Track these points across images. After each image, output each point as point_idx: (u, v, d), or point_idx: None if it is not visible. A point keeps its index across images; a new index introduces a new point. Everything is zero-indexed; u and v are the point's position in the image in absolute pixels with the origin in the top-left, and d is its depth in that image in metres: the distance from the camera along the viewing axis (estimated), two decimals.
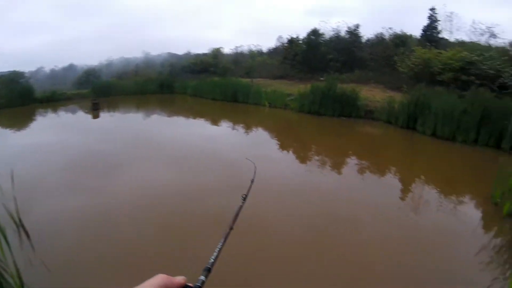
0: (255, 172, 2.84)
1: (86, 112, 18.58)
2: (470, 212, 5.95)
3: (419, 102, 12.59)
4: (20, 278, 3.00)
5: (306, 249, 4.42)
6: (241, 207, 2.02)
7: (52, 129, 14.25)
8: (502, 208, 5.62)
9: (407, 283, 3.89)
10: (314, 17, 55.38)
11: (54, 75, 37.23)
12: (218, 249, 1.39)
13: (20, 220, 4.48)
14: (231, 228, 1.68)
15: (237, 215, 1.86)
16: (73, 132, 13.28)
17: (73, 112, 19.89)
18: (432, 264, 4.15)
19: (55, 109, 20.35)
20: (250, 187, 2.44)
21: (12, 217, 4.40)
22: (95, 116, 17.21)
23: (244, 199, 2.14)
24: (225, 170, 7.81)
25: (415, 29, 24.76)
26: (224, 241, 1.48)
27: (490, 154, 10.10)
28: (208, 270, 1.12)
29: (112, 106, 21.35)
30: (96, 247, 4.37)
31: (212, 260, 1.23)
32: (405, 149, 11.27)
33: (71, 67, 38.57)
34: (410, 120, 12.80)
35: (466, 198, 6.65)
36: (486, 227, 5.28)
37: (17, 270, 2.99)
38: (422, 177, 7.90)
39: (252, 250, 4.37)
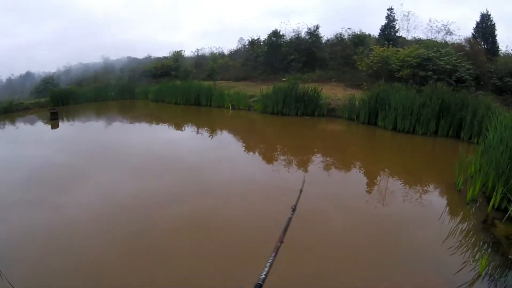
0: (303, 182, 2.66)
1: (45, 123, 17.58)
2: (435, 200, 6.02)
3: (379, 98, 12.83)
4: None
5: (269, 242, 4.21)
6: (290, 219, 1.83)
7: (9, 143, 13.31)
8: (465, 195, 5.73)
9: (378, 273, 3.82)
10: (273, 18, 55.67)
11: (11, 84, 35.56)
12: (269, 264, 1.36)
13: None
14: (281, 242, 1.68)
15: (286, 227, 1.90)
16: (31, 144, 12.39)
17: (32, 122, 18.74)
18: (403, 253, 4.14)
19: (12, 121, 19.19)
20: (299, 197, 2.25)
21: None
22: (54, 126, 16.21)
23: (294, 210, 1.94)
24: (189, 175, 7.51)
25: (374, 29, 25.52)
26: (275, 255, 1.47)
27: (451, 144, 10.45)
28: (259, 287, 1.17)
29: (72, 115, 20.27)
30: (65, 264, 4.04)
31: (264, 276, 1.25)
32: (367, 144, 11.35)
33: (28, 75, 36.93)
34: (371, 116, 13.05)
35: (431, 187, 6.73)
36: (452, 213, 5.31)
37: None
38: (386, 170, 7.95)
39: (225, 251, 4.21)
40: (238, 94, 19.21)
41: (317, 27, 23.50)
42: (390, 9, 21.39)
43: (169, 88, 23.57)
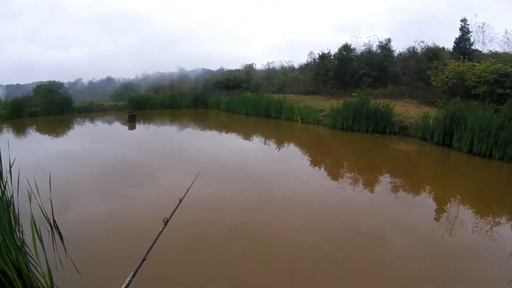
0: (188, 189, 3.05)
1: (123, 124, 19.57)
2: (508, 233, 5.75)
3: (455, 118, 12.40)
4: (51, 278, 3.12)
5: (335, 262, 4.50)
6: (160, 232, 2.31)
7: (89, 138, 15.16)
8: None
9: None
10: (342, 33, 55.71)
11: (92, 86, 39.17)
12: None
13: (54, 222, 4.82)
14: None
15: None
16: (110, 142, 14.11)
17: (110, 122, 21.00)
18: (466, 287, 4.11)
19: (92, 119, 21.58)
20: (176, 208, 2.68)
21: (47, 219, 4.75)
22: (131, 127, 18.10)
23: (165, 223, 2.42)
24: (254, 184, 8.01)
25: (447, 42, 24.57)
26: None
27: None
28: None
29: (148, 119, 22.26)
30: (126, 254, 4.37)
31: None
32: (440, 167, 11.05)
33: (108, 80, 40.49)
34: (446, 136, 12.64)
35: (503, 219, 6.46)
36: None
37: (49, 270, 3.13)
38: (458, 196, 7.79)
39: (280, 263, 4.44)
40: (307, 108, 19.57)
41: (389, 40, 23.33)
42: (463, 21, 20.64)
43: (240, 99, 24.62)
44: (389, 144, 13.86)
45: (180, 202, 3.04)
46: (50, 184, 4.75)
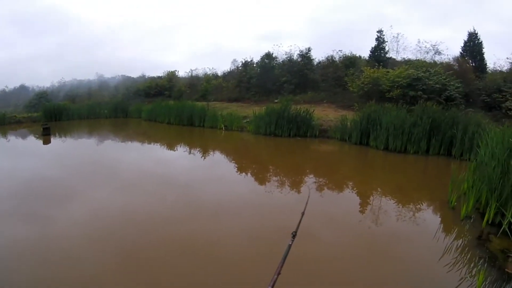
0: (306, 204, 2.58)
1: (37, 137, 17.43)
2: (429, 218, 5.97)
3: (370, 119, 12.96)
4: None
5: (262, 263, 4.12)
6: (290, 246, 1.74)
7: (1, 154, 13.22)
8: (459, 212, 5.70)
9: None
10: (265, 42, 57.18)
11: (4, 96, 35.53)
12: None
13: None
14: (279, 274, 1.64)
15: (285, 258, 1.85)
16: (23, 158, 12.28)
17: (23, 136, 18.64)
18: (399, 272, 4.07)
19: (4, 133, 19.05)
20: (300, 221, 2.16)
21: None
22: (46, 141, 16.10)
23: (294, 236, 1.85)
24: (180, 194, 7.43)
25: (364, 51, 26.01)
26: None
27: (443, 162, 10.56)
28: None
29: (64, 131, 20.18)
30: (51, 280, 3.93)
31: None
32: (360, 164, 11.37)
33: (22, 88, 37.03)
34: (363, 136, 13.12)
35: (424, 205, 6.68)
36: (446, 230, 5.25)
37: None
38: (379, 189, 7.91)
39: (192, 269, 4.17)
40: (231, 115, 19.27)
41: (309, 49, 24.04)
42: (379, 31, 21.98)
43: (162, 107, 23.74)
44: (311, 146, 13.98)
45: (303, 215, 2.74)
46: None
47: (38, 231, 5.28)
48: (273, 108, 16.35)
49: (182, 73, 33.03)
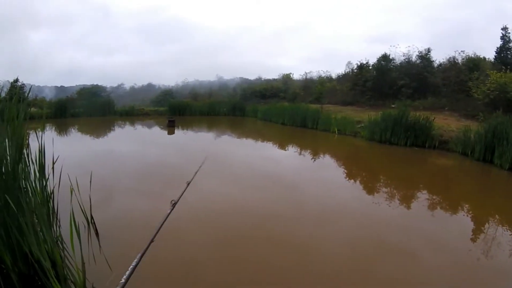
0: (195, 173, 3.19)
1: (162, 128, 20.55)
2: None
3: (496, 132, 12.08)
4: (84, 272, 3.19)
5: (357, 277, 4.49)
6: (167, 215, 2.56)
7: (130, 140, 16.18)
8: None
9: None
10: (378, 44, 55.72)
11: (133, 92, 41.04)
12: None
13: (92, 218, 5.02)
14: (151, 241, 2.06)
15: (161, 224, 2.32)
16: (150, 145, 14.88)
17: (150, 127, 22.07)
18: None
19: (132, 123, 22.65)
20: (184, 191, 2.82)
21: (85, 214, 4.94)
22: (171, 132, 19.01)
23: (173, 205, 2.60)
24: (286, 194, 8.03)
25: (488, 52, 23.91)
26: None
27: None
28: None
29: (186, 125, 23.22)
30: (156, 255, 4.21)
31: None
32: (479, 184, 10.80)
33: (149, 86, 42.38)
34: (487, 151, 12.31)
35: None
36: None
37: (83, 264, 3.16)
38: (497, 216, 7.60)
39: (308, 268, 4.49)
40: (344, 119, 19.59)
41: (429, 50, 23.15)
42: (504, 29, 20.12)
43: (277, 108, 25.13)
44: (429, 159, 13.69)
45: (188, 185, 3.26)
46: (90, 181, 4.96)
47: (151, 208, 6.29)
48: (390, 113, 16.10)
49: (296, 76, 34.39)
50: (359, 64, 25.97)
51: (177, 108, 28.17)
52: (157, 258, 4.21)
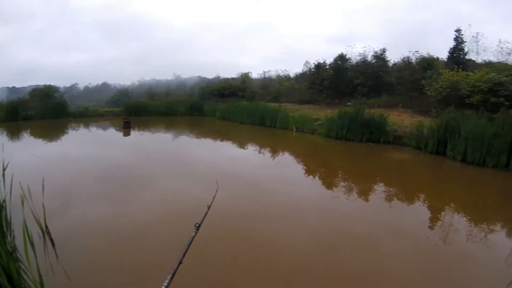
0: (214, 197, 3.01)
1: (117, 130, 19.54)
2: (502, 240, 5.75)
3: (449, 126, 12.41)
4: (42, 284, 3.11)
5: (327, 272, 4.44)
6: (193, 237, 2.18)
7: (84, 143, 15.23)
8: None
9: None
10: (337, 44, 57.11)
11: (87, 92, 39.38)
12: None
13: (46, 227, 4.51)
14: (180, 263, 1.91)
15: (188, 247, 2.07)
16: (105, 147, 14.11)
17: (105, 128, 21.01)
18: None
19: (87, 125, 21.53)
20: (206, 214, 2.62)
21: (39, 224, 4.40)
22: (126, 133, 18.07)
23: (198, 228, 2.34)
24: (249, 192, 7.95)
25: (441, 52, 24.72)
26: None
27: None
28: None
29: (143, 125, 22.24)
30: (120, 259, 4.45)
31: None
32: (434, 175, 11.10)
33: (104, 86, 40.79)
34: (439, 145, 12.62)
35: (498, 226, 6.46)
36: None
37: (40, 277, 3.09)
38: (452, 204, 7.78)
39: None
40: (302, 117, 19.60)
41: (384, 50, 23.51)
42: (458, 31, 20.77)
43: (235, 107, 24.80)
44: (384, 153, 13.85)
45: (209, 208, 3.12)
46: (43, 188, 4.52)
47: (111, 213, 6.08)
48: (346, 111, 16.26)
49: (255, 74, 34.24)
50: (316, 63, 26.15)
51: (133, 108, 26.96)
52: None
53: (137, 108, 27.34)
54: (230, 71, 62.35)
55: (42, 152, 12.22)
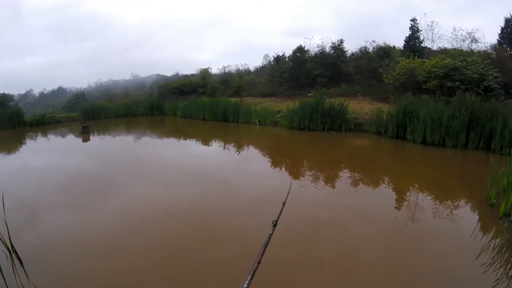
0: (288, 194, 2.77)
1: (76, 136, 18.48)
2: (467, 215, 5.90)
3: (407, 111, 12.73)
4: None
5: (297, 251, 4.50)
6: (270, 235, 2.00)
7: (43, 152, 14.14)
8: (498, 209, 5.55)
9: None
10: (295, 37, 57.45)
11: (43, 98, 37.32)
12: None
13: (12, 245, 4.23)
14: (259, 262, 1.72)
15: (266, 246, 1.86)
16: (64, 155, 13.14)
17: (63, 135, 19.82)
18: (433, 270, 4.06)
19: (45, 133, 20.27)
20: (281, 211, 2.36)
21: (4, 243, 4.21)
22: (85, 139, 17.07)
23: (275, 225, 2.06)
24: (217, 189, 7.70)
25: (398, 41, 25.32)
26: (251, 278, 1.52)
27: (482, 156, 10.24)
28: None
29: (102, 129, 21.24)
30: (93, 270, 4.19)
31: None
32: (396, 158, 11.31)
33: (60, 90, 38.76)
34: (399, 129, 12.93)
35: (462, 202, 6.59)
36: (484, 229, 5.16)
37: None
38: (416, 185, 7.87)
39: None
40: (264, 110, 19.48)
41: (341, 41, 23.65)
42: (413, 20, 21.32)
43: (196, 104, 24.26)
44: (346, 140, 14.00)
45: (284, 205, 2.88)
46: (3, 204, 4.29)
47: (80, 222, 5.69)
48: (307, 102, 16.36)
49: (215, 70, 33.52)
50: (275, 56, 26.14)
51: (91, 112, 25.60)
52: None
53: (95, 111, 26.03)
54: (189, 68, 61.24)
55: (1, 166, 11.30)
